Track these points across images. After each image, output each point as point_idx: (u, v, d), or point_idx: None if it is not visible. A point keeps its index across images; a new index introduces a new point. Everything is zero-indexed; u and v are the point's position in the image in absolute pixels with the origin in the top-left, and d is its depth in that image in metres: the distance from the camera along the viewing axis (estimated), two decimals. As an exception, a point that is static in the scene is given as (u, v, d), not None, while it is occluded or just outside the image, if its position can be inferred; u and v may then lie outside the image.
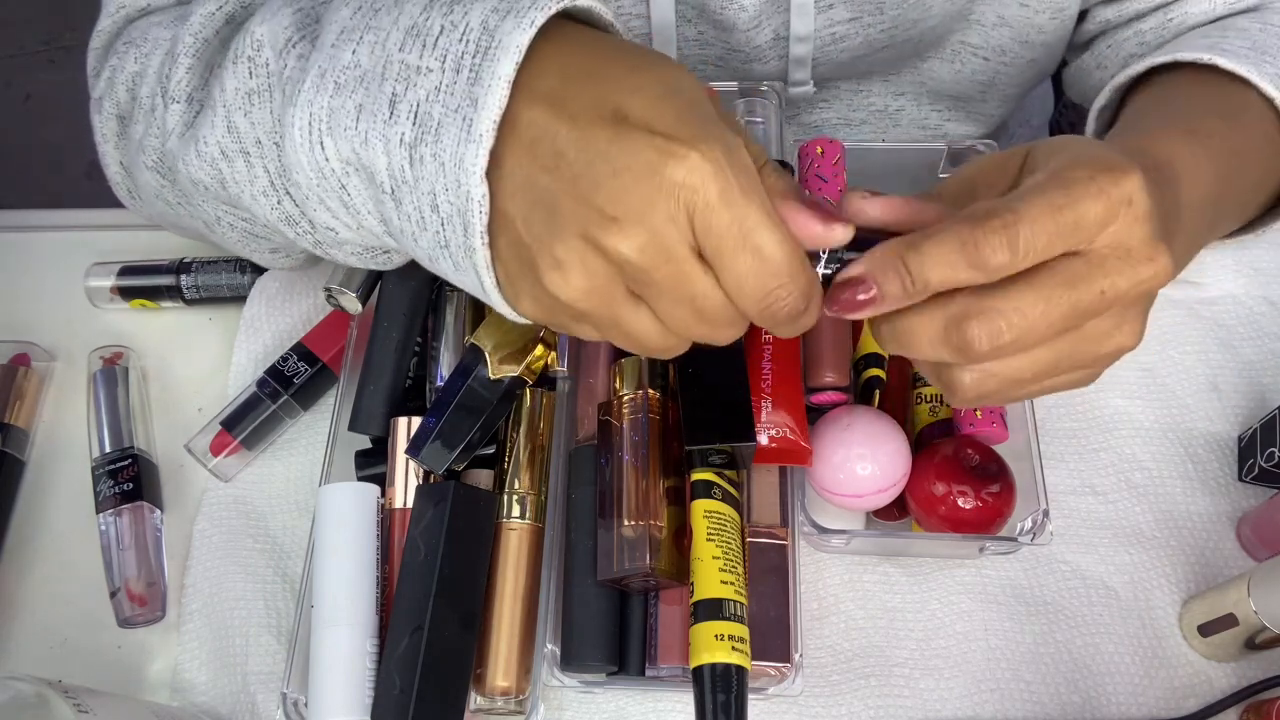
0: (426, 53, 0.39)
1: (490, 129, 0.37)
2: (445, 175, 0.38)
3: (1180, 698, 0.56)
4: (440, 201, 0.39)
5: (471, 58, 0.38)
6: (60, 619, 0.61)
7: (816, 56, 0.65)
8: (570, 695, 0.57)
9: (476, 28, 0.38)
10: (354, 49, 0.41)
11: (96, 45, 0.56)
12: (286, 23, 0.44)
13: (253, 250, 0.55)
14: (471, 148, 0.37)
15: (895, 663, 0.57)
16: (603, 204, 0.36)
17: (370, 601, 0.54)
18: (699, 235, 0.36)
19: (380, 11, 0.41)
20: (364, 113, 0.40)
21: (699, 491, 0.51)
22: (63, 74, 1.90)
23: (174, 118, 0.48)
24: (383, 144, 0.39)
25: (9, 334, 0.69)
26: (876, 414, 0.56)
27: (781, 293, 0.37)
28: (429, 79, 0.38)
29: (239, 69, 0.45)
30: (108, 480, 0.62)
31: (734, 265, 0.36)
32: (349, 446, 0.59)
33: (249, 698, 0.58)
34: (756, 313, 0.38)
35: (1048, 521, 0.53)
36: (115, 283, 0.69)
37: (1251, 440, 0.60)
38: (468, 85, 0.37)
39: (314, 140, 0.41)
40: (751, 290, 0.37)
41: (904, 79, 0.72)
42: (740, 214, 0.35)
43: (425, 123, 0.38)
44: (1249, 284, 0.67)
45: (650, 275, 0.36)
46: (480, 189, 0.37)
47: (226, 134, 0.46)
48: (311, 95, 0.41)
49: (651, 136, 0.35)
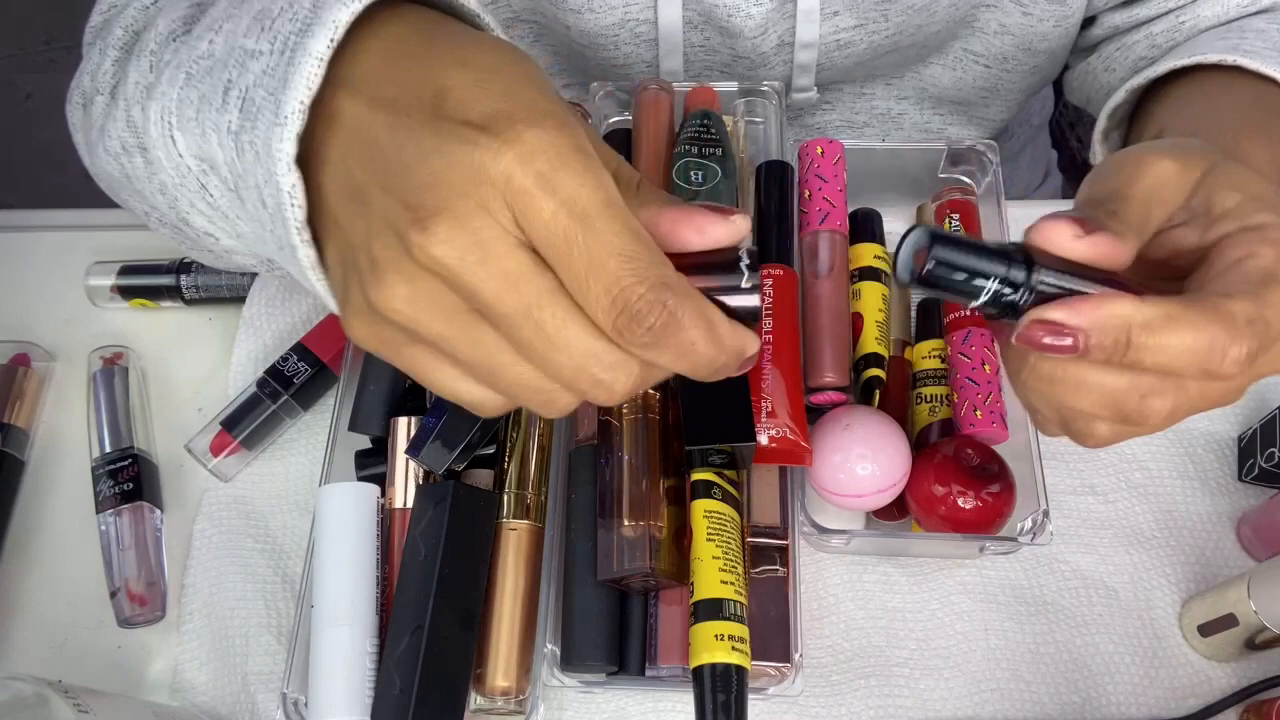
0: (263, 36, 0.35)
1: (297, 110, 0.33)
2: (261, 165, 0.34)
3: (1180, 698, 0.56)
4: (265, 195, 0.35)
5: (295, 36, 0.34)
6: (60, 619, 0.61)
7: (821, 63, 0.65)
8: (570, 695, 0.57)
9: (308, 6, 0.34)
10: (211, 39, 0.38)
11: (87, 40, 0.56)
12: (178, 15, 0.42)
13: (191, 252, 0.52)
14: (278, 131, 0.33)
15: (895, 663, 0.57)
16: (413, 195, 0.31)
17: (370, 601, 0.54)
18: (525, 229, 0.31)
19: (246, 1, 0.38)
20: (203, 103, 0.37)
21: (699, 491, 0.51)
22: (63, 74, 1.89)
23: (97, 109, 0.46)
24: (216, 135, 0.36)
25: (9, 334, 0.69)
26: (876, 414, 0.56)
27: (638, 290, 0.30)
28: (259, 62, 0.35)
29: (140, 63, 0.43)
30: (108, 480, 0.62)
31: (569, 261, 0.30)
32: (349, 446, 0.59)
33: (249, 698, 0.58)
34: (609, 323, 0.31)
35: (1048, 521, 0.53)
36: (115, 282, 0.69)
37: (1251, 440, 0.60)
38: (285, 67, 0.34)
39: (166, 135, 0.39)
40: (595, 293, 0.30)
41: (906, 83, 0.72)
42: (570, 196, 0.30)
43: (249, 109, 0.35)
44: (1249, 284, 0.66)
45: (471, 281, 0.30)
46: (289, 178, 0.33)
47: (126, 128, 0.43)
48: (165, 87, 0.38)
49: (467, 117, 0.31)
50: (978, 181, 0.64)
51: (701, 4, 0.61)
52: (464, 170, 0.30)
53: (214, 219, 0.42)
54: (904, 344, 0.61)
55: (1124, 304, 0.34)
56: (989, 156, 0.63)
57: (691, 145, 0.58)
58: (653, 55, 0.65)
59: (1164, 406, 0.35)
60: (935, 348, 0.60)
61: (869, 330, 0.59)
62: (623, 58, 0.66)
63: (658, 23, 0.62)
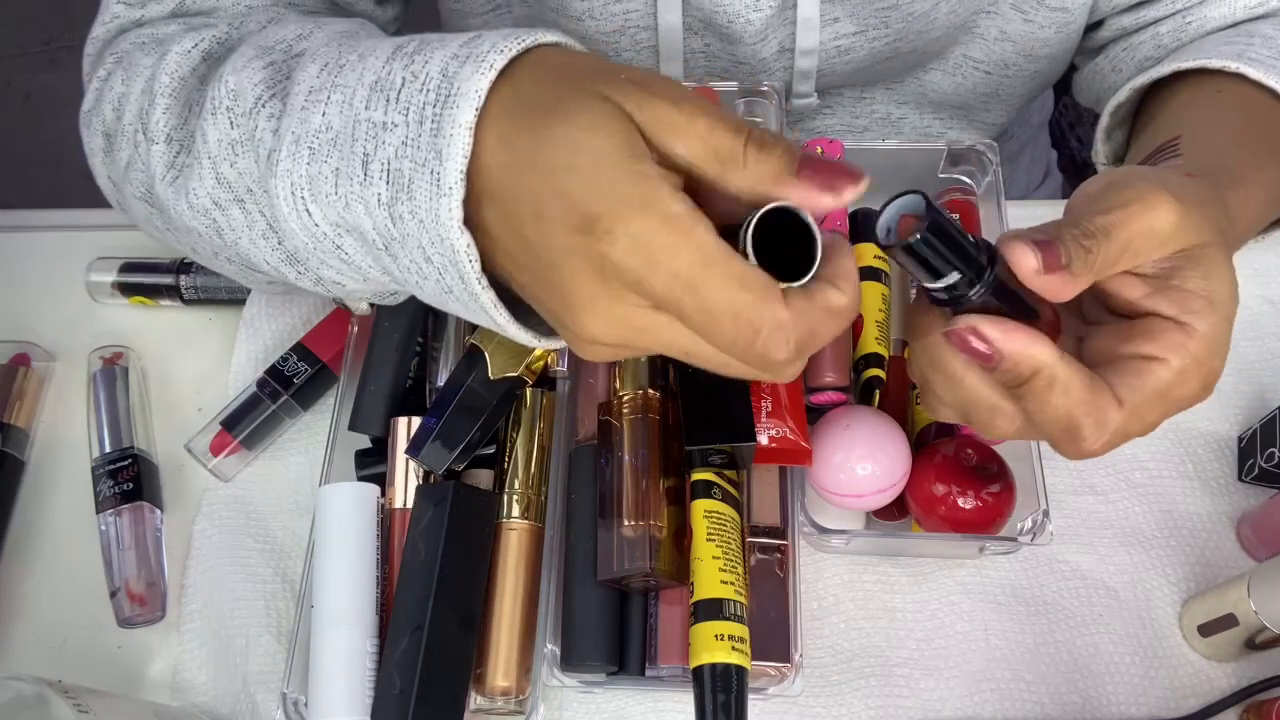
0: (391, 108, 0.38)
1: (458, 180, 0.36)
2: (426, 231, 0.37)
3: (1180, 698, 0.56)
4: (431, 254, 0.38)
5: (433, 107, 0.37)
6: (60, 619, 0.61)
7: (821, 69, 0.65)
8: (570, 695, 0.57)
9: (436, 76, 0.37)
10: (323, 110, 0.40)
11: (90, 51, 0.56)
12: (257, 79, 0.44)
13: (248, 281, 0.54)
14: (444, 202, 0.36)
15: (895, 663, 0.57)
16: (559, 296, 0.36)
17: (370, 601, 0.54)
18: (650, 300, 0.35)
19: (345, 68, 0.40)
20: (341, 176, 0.39)
21: (699, 491, 0.51)
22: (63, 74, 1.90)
23: (156, 159, 0.48)
24: (363, 206, 0.39)
25: (9, 334, 0.69)
26: (876, 414, 0.56)
27: (751, 351, 0.35)
28: (395, 134, 0.37)
29: (219, 120, 0.44)
30: (108, 480, 0.62)
31: (691, 321, 0.35)
32: (349, 446, 0.59)
33: (249, 698, 0.58)
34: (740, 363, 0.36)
35: (1048, 521, 0.53)
36: (116, 278, 0.69)
37: (1251, 440, 0.60)
38: (431, 137, 0.36)
39: (299, 209, 0.41)
40: (723, 345, 0.35)
41: (907, 88, 0.72)
42: (672, 271, 0.34)
43: (398, 180, 0.37)
44: (1249, 284, 0.66)
45: (639, 345, 0.36)
46: (463, 240, 0.36)
47: (216, 185, 0.45)
48: (289, 164, 0.40)
49: (563, 224, 0.34)
50: (978, 181, 0.64)
51: (701, 10, 0.61)
52: (586, 275, 0.35)
53: (344, 270, 0.44)
54: (904, 344, 0.61)
55: (1046, 352, 0.38)
56: (989, 157, 0.63)
57: (691, 145, 0.58)
58: (653, 62, 0.66)
59: (1007, 429, 0.40)
60: (935, 348, 0.60)
61: (869, 330, 0.59)
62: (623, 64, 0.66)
63: (658, 29, 0.62)
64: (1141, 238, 0.39)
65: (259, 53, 0.45)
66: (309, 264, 0.45)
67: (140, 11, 0.54)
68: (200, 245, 0.50)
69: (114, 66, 0.52)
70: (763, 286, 0.34)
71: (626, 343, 0.37)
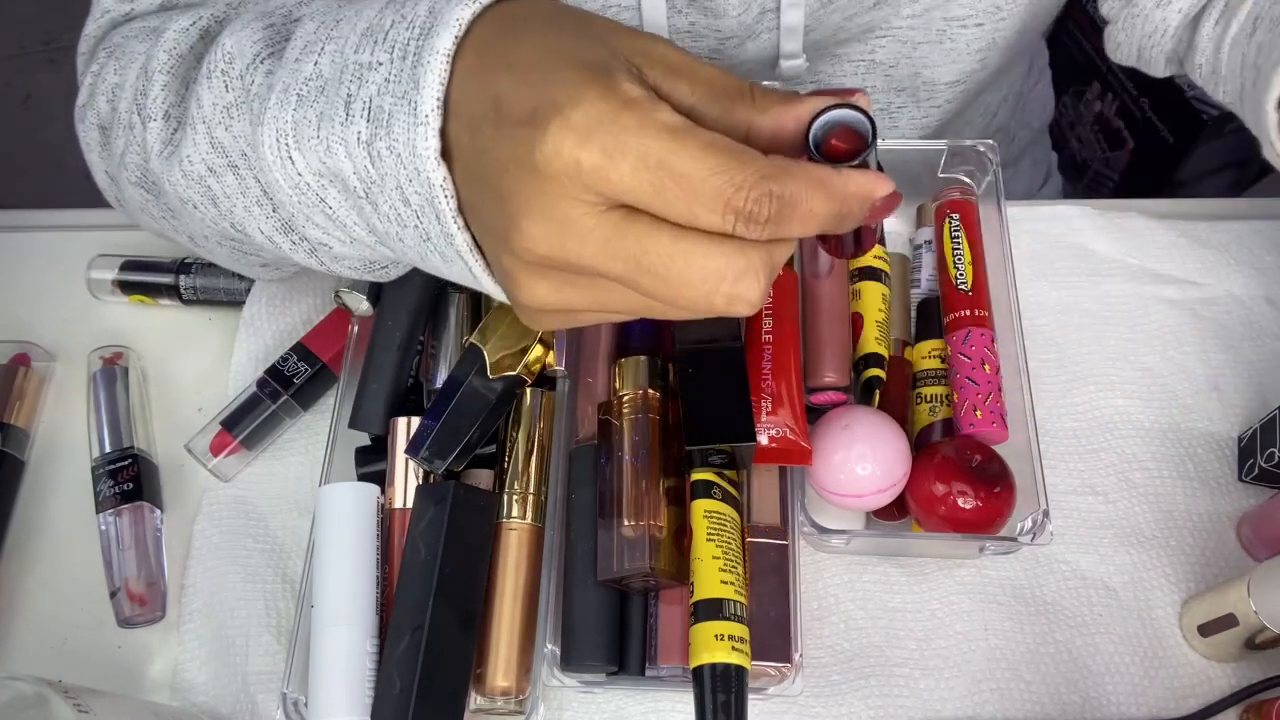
0: (378, 48, 0.37)
1: (434, 108, 0.34)
2: (404, 166, 0.36)
3: (1180, 698, 0.56)
4: (409, 194, 0.37)
5: (416, 41, 0.36)
6: (60, 619, 0.61)
7: (808, 23, 0.64)
8: (570, 695, 0.57)
9: (424, 14, 0.36)
10: (316, 60, 0.39)
11: (83, 49, 0.56)
12: (256, 37, 0.44)
13: (242, 265, 0.54)
14: (420, 130, 0.35)
15: (895, 663, 0.57)
16: (505, 206, 0.33)
17: (370, 601, 0.54)
18: (612, 196, 0.32)
19: (341, 22, 0.40)
20: (324, 119, 0.39)
21: (699, 491, 0.51)
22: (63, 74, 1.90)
23: (153, 135, 0.48)
24: (343, 147, 0.38)
25: (9, 334, 0.69)
26: (876, 414, 0.56)
27: (741, 195, 0.32)
28: (379, 72, 0.37)
29: (214, 83, 0.44)
30: (108, 480, 0.62)
31: (668, 203, 0.32)
32: (349, 446, 0.59)
33: (249, 698, 0.58)
34: (730, 231, 0.32)
35: (1048, 521, 0.53)
36: (117, 276, 0.69)
37: (1251, 440, 0.60)
38: (411, 69, 0.35)
39: (283, 156, 0.40)
40: (706, 218, 0.32)
41: (901, 70, 0.71)
42: (639, 153, 0.31)
43: (378, 117, 0.36)
44: (1249, 284, 0.67)
45: (578, 261, 0.33)
46: (439, 173, 0.35)
47: (210, 150, 0.45)
48: (276, 111, 0.40)
49: (519, 117, 0.32)
50: (978, 181, 0.64)
51: None
52: (533, 171, 0.32)
53: (329, 229, 0.44)
54: (904, 344, 0.61)
55: None
56: (989, 156, 0.63)
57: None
58: None
59: None
60: (935, 348, 0.60)
61: (869, 330, 0.59)
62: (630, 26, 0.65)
63: (640, 8, 0.62)
64: None
65: (258, 16, 0.45)
66: (296, 222, 0.44)
67: (130, 6, 0.54)
68: (195, 222, 0.50)
69: (106, 59, 0.52)
70: (740, 147, 0.32)
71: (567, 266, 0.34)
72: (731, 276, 0.33)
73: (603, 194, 0.32)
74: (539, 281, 0.35)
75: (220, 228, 0.49)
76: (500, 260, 0.35)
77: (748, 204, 0.32)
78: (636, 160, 0.31)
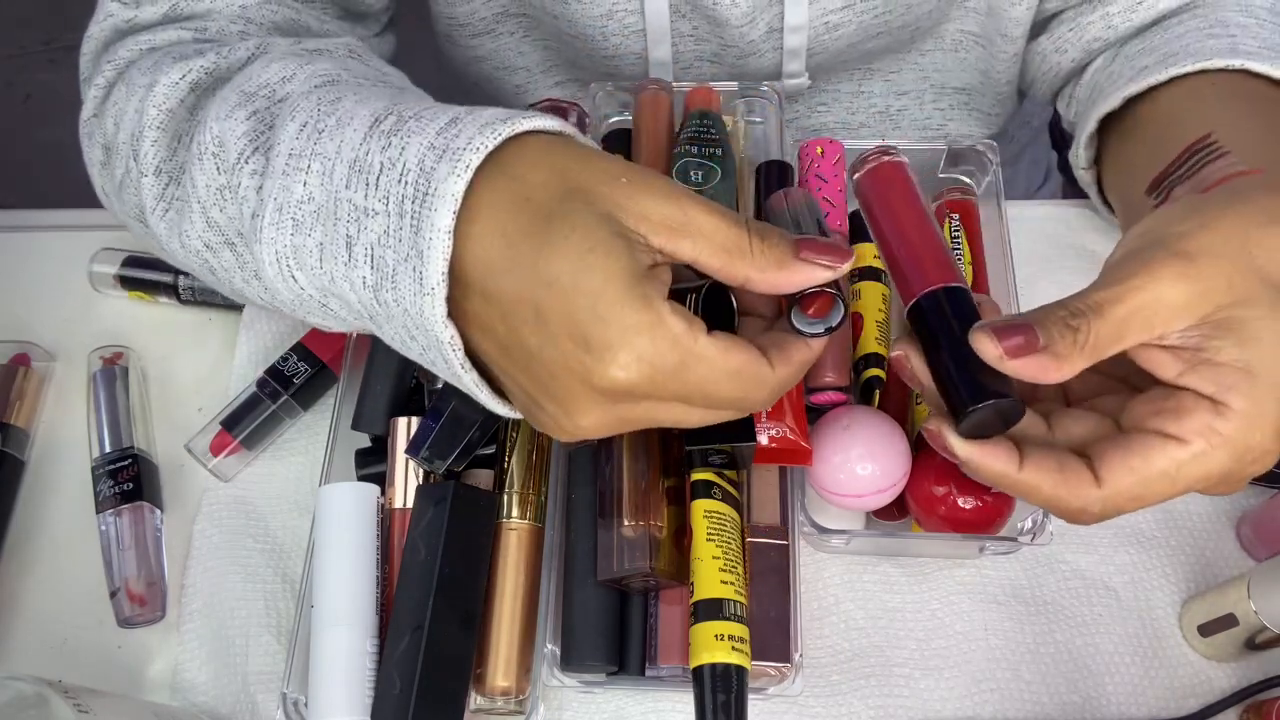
0: (371, 193, 0.39)
1: (440, 281, 0.37)
2: (410, 320, 0.39)
3: (1180, 698, 0.56)
4: (415, 334, 0.40)
5: (412, 202, 0.38)
6: (60, 619, 0.61)
7: (811, 47, 0.64)
8: (570, 695, 0.57)
9: (414, 169, 0.38)
10: (304, 180, 0.41)
11: (87, 51, 0.56)
12: (240, 130, 0.44)
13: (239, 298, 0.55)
14: (428, 300, 0.38)
15: (895, 663, 0.57)
16: (556, 397, 0.38)
17: (370, 601, 0.54)
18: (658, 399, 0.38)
19: (324, 134, 0.41)
20: (325, 253, 0.41)
21: (699, 491, 0.51)
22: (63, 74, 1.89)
23: (146, 191, 0.49)
24: (349, 284, 0.40)
25: (9, 334, 0.69)
26: (876, 414, 0.56)
27: (753, 403, 0.40)
28: (377, 221, 0.39)
29: (205, 166, 0.45)
30: (108, 480, 0.62)
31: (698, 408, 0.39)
32: (349, 446, 0.59)
33: (249, 698, 0.58)
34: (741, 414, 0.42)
35: (1048, 521, 0.53)
36: (118, 271, 0.69)
37: (1251, 440, 0.60)
38: (411, 234, 0.38)
39: (285, 275, 0.42)
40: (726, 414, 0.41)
41: (906, 76, 0.71)
42: (678, 388, 0.37)
43: (381, 268, 0.39)
44: (1249, 284, 0.66)
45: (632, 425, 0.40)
46: (447, 333, 0.38)
47: (207, 228, 0.47)
48: (273, 233, 0.41)
49: (571, 334, 0.36)
50: (978, 181, 0.64)
51: None
52: (585, 393, 0.37)
53: (331, 321, 0.46)
54: (904, 344, 0.61)
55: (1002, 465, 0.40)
56: (989, 156, 0.63)
57: (691, 145, 0.58)
58: (641, 46, 0.65)
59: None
60: (935, 348, 0.60)
61: (869, 330, 0.59)
62: (611, 49, 0.66)
63: (645, 13, 0.62)
64: (1148, 310, 0.37)
65: (242, 100, 0.45)
66: (297, 313, 0.46)
67: (134, 11, 0.54)
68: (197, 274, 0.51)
69: (115, 77, 0.52)
70: (755, 362, 0.39)
71: (614, 431, 0.40)
72: None
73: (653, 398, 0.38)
74: (590, 421, 0.39)
75: (219, 288, 0.51)
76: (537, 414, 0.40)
77: (758, 407, 0.41)
78: (677, 389, 0.37)
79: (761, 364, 0.39)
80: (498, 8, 0.69)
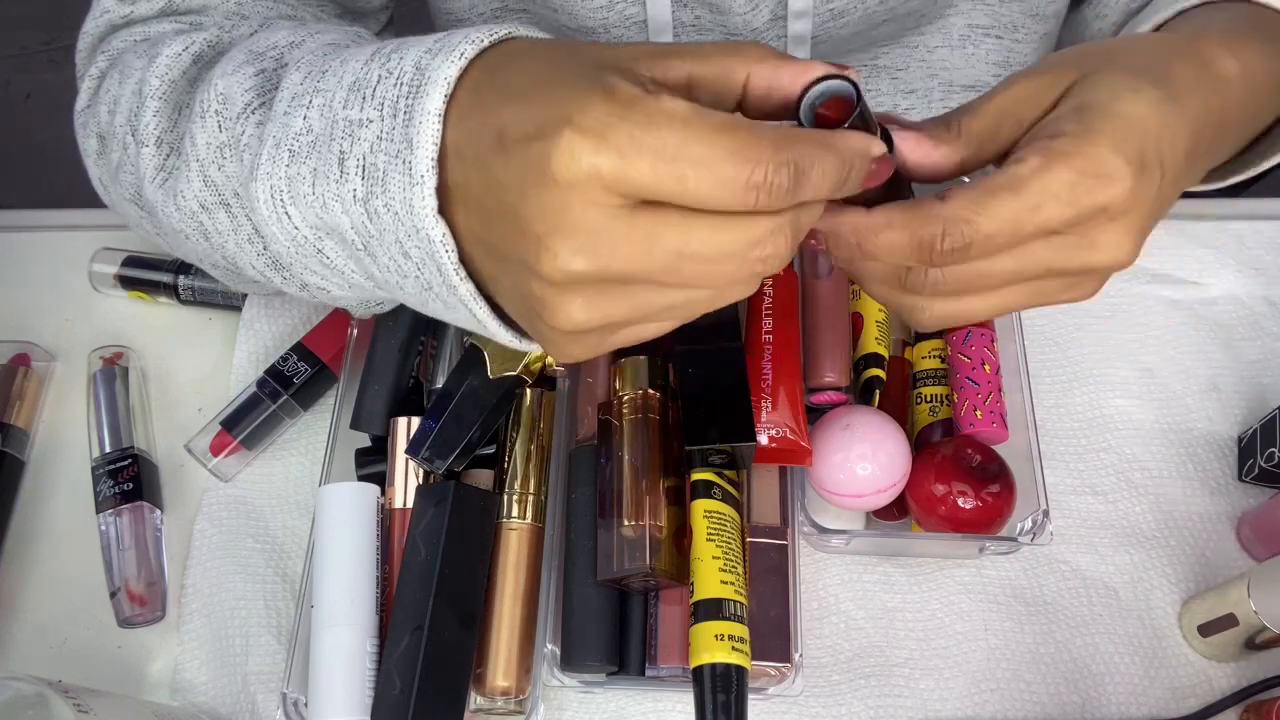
0: (367, 104, 0.37)
1: (429, 168, 0.35)
2: (402, 224, 0.37)
3: (1180, 698, 0.56)
4: (408, 249, 0.37)
5: (405, 99, 0.36)
6: (60, 619, 0.61)
7: (816, 34, 0.64)
8: (570, 695, 0.57)
9: (410, 69, 0.37)
10: (305, 114, 0.40)
11: (82, 46, 0.56)
12: (247, 84, 0.44)
13: (234, 284, 0.55)
14: (417, 190, 0.35)
15: (895, 663, 0.57)
16: (527, 230, 0.33)
17: (370, 601, 0.54)
18: (634, 194, 0.32)
19: (327, 73, 0.40)
20: (318, 176, 0.39)
21: (699, 491, 0.51)
22: (63, 74, 1.90)
23: (146, 161, 0.48)
24: (340, 204, 0.38)
25: (9, 334, 0.69)
26: (876, 414, 0.56)
27: (760, 171, 0.32)
28: (370, 129, 0.37)
29: (208, 123, 0.44)
30: (108, 480, 0.62)
31: (691, 191, 0.32)
32: (349, 446, 0.59)
33: (249, 698, 0.58)
34: (752, 206, 0.33)
35: (1048, 521, 0.53)
36: (119, 270, 0.69)
37: (1251, 440, 0.60)
38: (403, 128, 0.36)
39: (279, 212, 0.41)
40: (729, 199, 0.32)
41: (913, 74, 0.71)
42: (655, 148, 0.31)
43: (372, 174, 0.37)
44: (1249, 284, 0.67)
45: (616, 269, 0.33)
46: (438, 229, 0.36)
47: (204, 188, 0.46)
48: (269, 168, 0.40)
49: (526, 135, 0.32)
50: (978, 181, 0.64)
51: None
52: (552, 186, 0.32)
53: (326, 275, 0.44)
54: (904, 344, 0.61)
55: (854, 218, 0.38)
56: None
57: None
58: (643, 38, 0.65)
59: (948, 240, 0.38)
60: (935, 348, 0.60)
61: (869, 330, 0.59)
62: (613, 41, 0.66)
63: (646, 3, 0.62)
64: (1011, 103, 0.40)
65: (249, 58, 0.45)
66: (293, 269, 0.45)
67: (130, 8, 0.54)
68: (189, 248, 0.50)
69: (108, 66, 0.52)
70: (748, 123, 0.33)
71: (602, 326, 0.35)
72: (762, 239, 0.34)
73: (625, 194, 0.32)
74: (573, 300, 0.34)
75: (213, 258, 0.50)
76: (529, 290, 0.35)
77: (767, 177, 0.32)
78: (653, 155, 0.32)
79: (758, 125, 0.33)
80: (496, 3, 0.69)
